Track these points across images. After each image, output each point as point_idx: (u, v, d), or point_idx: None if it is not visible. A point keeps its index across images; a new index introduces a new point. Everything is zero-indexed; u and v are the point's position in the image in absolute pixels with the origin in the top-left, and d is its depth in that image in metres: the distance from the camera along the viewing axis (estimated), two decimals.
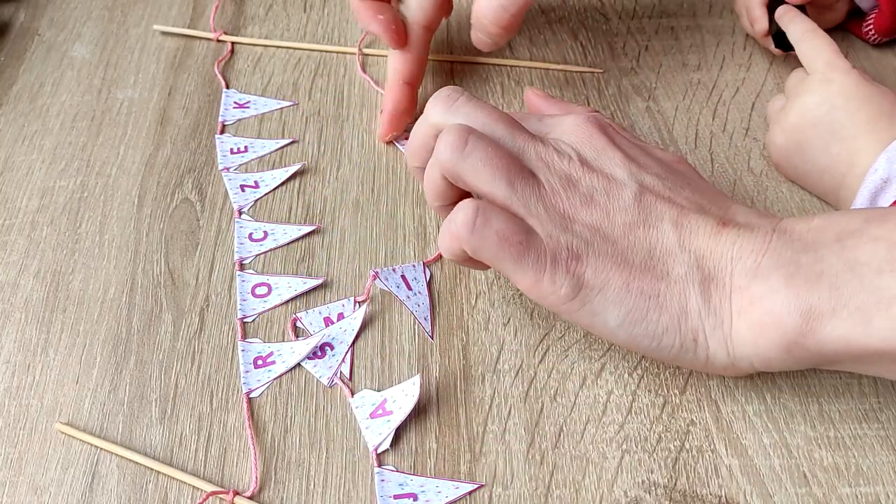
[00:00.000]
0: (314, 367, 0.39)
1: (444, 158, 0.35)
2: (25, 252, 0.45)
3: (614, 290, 0.33)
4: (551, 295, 0.33)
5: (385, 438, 0.36)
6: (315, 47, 0.55)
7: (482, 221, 0.33)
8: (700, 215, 0.34)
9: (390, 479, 0.35)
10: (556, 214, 0.34)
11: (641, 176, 0.35)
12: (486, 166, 0.34)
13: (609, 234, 0.34)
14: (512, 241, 0.33)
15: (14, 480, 0.36)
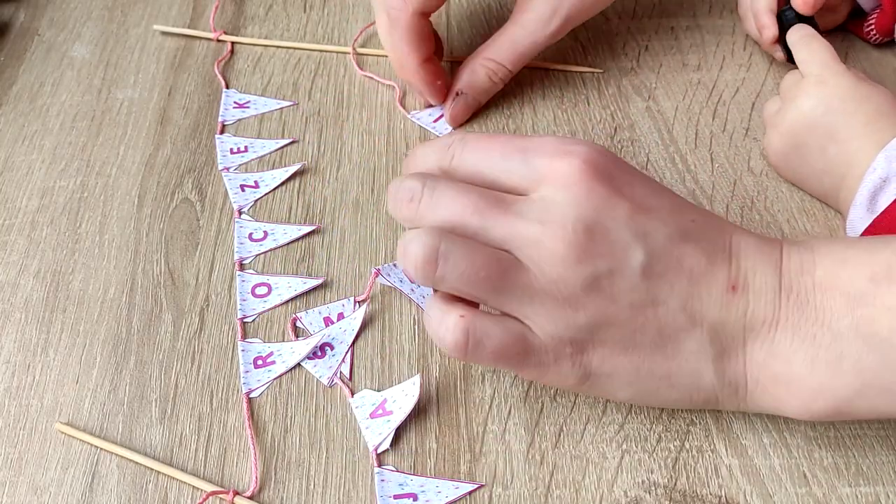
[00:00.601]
0: (314, 367, 0.39)
1: (418, 277, 0.32)
2: (25, 252, 0.45)
3: (624, 374, 0.32)
4: (559, 383, 0.33)
5: (385, 438, 0.36)
6: (315, 47, 0.55)
7: (473, 344, 0.31)
8: (708, 278, 0.32)
9: (390, 479, 0.35)
10: (556, 306, 0.31)
11: (648, 232, 0.31)
12: (464, 281, 0.31)
13: (615, 319, 0.31)
14: (509, 354, 0.31)
15: (14, 480, 0.36)
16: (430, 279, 0.31)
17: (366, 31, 0.56)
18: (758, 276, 0.32)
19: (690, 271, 0.31)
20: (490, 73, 0.48)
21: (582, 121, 0.49)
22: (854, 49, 0.52)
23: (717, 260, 0.32)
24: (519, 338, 0.31)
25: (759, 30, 0.50)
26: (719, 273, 0.32)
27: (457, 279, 0.31)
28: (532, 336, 0.32)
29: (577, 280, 0.31)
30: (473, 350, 0.31)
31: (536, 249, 0.31)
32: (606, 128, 0.49)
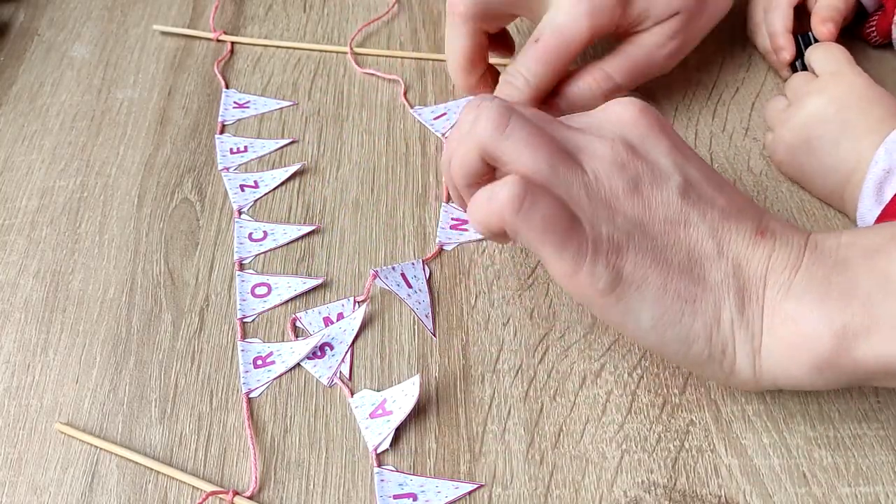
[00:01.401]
0: (314, 367, 0.39)
1: (484, 137, 0.33)
2: (25, 252, 0.45)
3: (652, 288, 0.32)
4: (589, 287, 0.32)
5: (385, 438, 0.36)
6: (315, 47, 0.55)
7: (530, 202, 0.31)
8: (738, 220, 0.33)
9: (390, 479, 0.35)
10: (599, 203, 0.33)
11: (686, 168, 0.34)
12: (527, 146, 0.33)
13: (650, 230, 0.33)
14: (557, 227, 0.32)
15: (14, 480, 0.36)
16: (498, 138, 0.33)
17: (363, 30, 0.56)
18: (785, 233, 0.34)
19: (721, 210, 0.33)
20: (593, 83, 0.47)
21: None
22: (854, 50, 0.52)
23: (747, 214, 0.34)
24: (570, 214, 0.32)
25: (776, 51, 0.49)
26: (748, 221, 0.33)
27: (521, 139, 0.33)
28: (577, 222, 0.32)
29: (619, 183, 0.33)
30: (529, 208, 0.32)
31: (588, 154, 0.33)
32: None
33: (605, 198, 0.33)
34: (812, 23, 0.48)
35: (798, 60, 0.48)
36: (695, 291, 0.32)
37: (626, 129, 0.34)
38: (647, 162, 0.34)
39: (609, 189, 0.33)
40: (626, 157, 0.33)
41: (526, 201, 0.31)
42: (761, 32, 0.51)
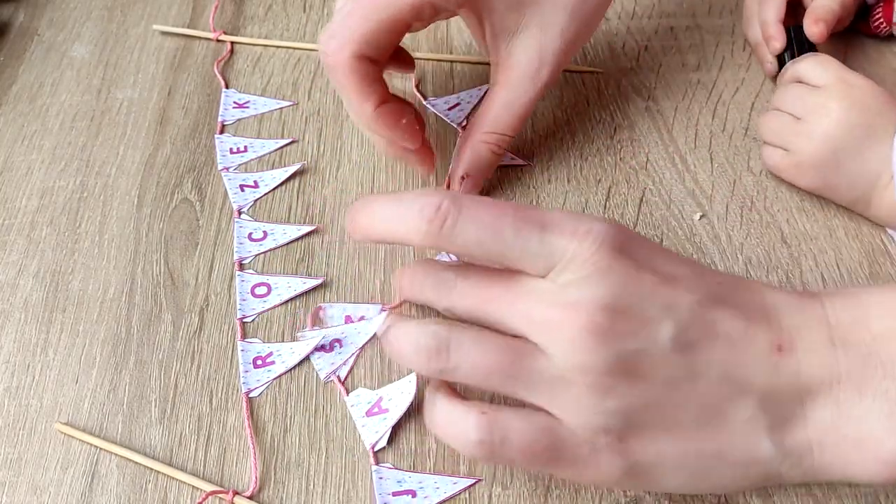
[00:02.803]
0: (318, 358, 0.39)
1: (426, 368, 0.30)
2: (25, 252, 0.45)
3: (671, 459, 0.29)
4: (600, 479, 0.29)
5: (382, 436, 0.36)
6: (315, 47, 0.55)
7: (499, 443, 0.28)
8: (750, 342, 0.29)
9: (388, 476, 0.35)
10: (581, 395, 0.28)
11: (677, 306, 0.29)
12: (478, 371, 0.29)
13: (650, 400, 0.28)
14: (540, 450, 0.29)
15: (14, 480, 0.36)
16: (440, 371, 0.30)
17: None
18: (804, 332, 0.30)
19: (727, 336, 0.29)
20: (493, 148, 0.43)
21: (581, 121, 0.49)
22: (853, 49, 0.52)
23: (755, 320, 0.30)
24: (548, 431, 0.29)
25: (767, 40, 0.49)
26: (760, 334, 0.29)
27: (469, 370, 0.29)
28: (562, 428, 0.29)
29: (600, 365, 0.28)
30: (500, 450, 0.29)
31: (551, 335, 0.28)
32: (606, 128, 0.49)
33: (589, 385, 0.28)
34: (805, 22, 0.48)
35: (787, 52, 0.48)
36: (718, 441, 0.29)
37: (597, 283, 0.28)
38: (629, 322, 0.28)
39: (590, 373, 0.28)
40: (601, 333, 0.28)
41: (494, 440, 0.29)
42: (754, 24, 0.51)
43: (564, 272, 0.29)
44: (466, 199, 0.30)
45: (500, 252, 0.29)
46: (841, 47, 0.52)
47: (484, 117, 0.43)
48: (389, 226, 0.31)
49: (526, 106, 0.43)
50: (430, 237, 0.29)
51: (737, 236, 0.43)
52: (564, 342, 0.28)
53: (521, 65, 0.42)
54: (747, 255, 0.42)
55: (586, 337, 0.28)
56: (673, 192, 0.45)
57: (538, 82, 0.42)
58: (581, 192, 0.46)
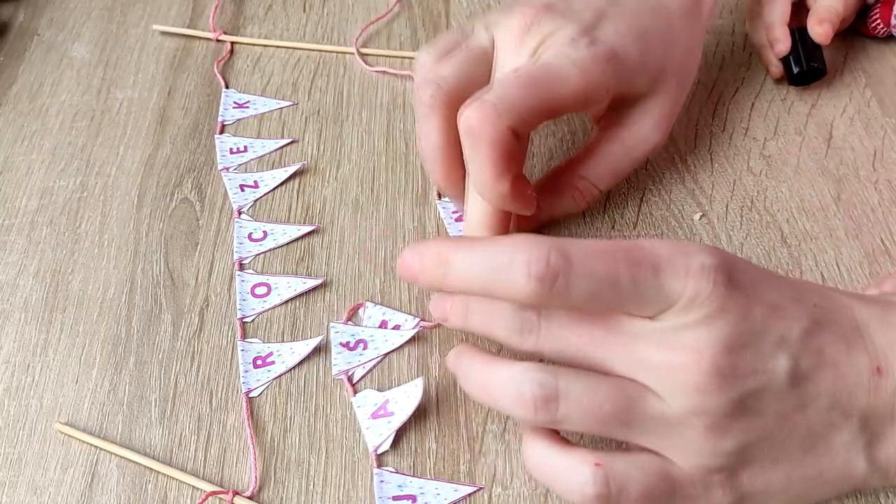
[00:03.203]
0: (338, 352, 0.39)
1: (534, 418, 0.29)
2: (25, 252, 0.45)
3: (776, 486, 0.29)
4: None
5: (386, 440, 0.36)
6: (315, 47, 0.55)
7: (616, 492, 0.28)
8: (853, 366, 0.29)
9: (389, 480, 0.35)
10: (699, 437, 0.28)
11: (788, 337, 0.28)
12: (589, 419, 0.28)
13: (765, 434, 0.28)
14: (657, 495, 0.28)
15: (14, 480, 0.36)
16: (550, 421, 0.29)
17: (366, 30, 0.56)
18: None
19: (833, 363, 0.29)
20: (577, 195, 0.41)
21: (582, 121, 0.49)
22: (853, 49, 0.52)
23: (854, 343, 0.29)
24: (663, 476, 0.28)
25: (772, 42, 0.49)
26: (860, 357, 0.29)
27: (581, 418, 0.28)
28: (676, 469, 0.28)
29: (721, 407, 0.27)
30: (616, 500, 0.28)
31: (669, 379, 0.28)
32: None
33: (706, 427, 0.28)
34: (809, 23, 0.48)
35: (791, 55, 0.48)
36: (820, 466, 0.29)
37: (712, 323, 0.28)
38: (747, 362, 0.28)
39: (708, 416, 0.28)
40: (722, 376, 0.27)
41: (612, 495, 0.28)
42: (758, 26, 0.51)
43: (678, 313, 0.28)
44: (572, 247, 0.28)
45: (614, 301, 0.28)
46: (841, 47, 0.52)
47: (582, 160, 0.41)
48: (481, 280, 0.29)
49: (629, 164, 0.42)
50: (538, 297, 0.28)
51: (737, 236, 0.43)
52: (686, 387, 0.27)
53: (641, 128, 0.41)
54: (747, 255, 0.42)
55: (709, 380, 0.27)
56: (673, 192, 0.45)
57: (648, 144, 0.42)
58: None
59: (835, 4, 0.48)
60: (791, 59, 0.48)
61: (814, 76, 0.49)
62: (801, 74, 0.48)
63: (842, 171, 0.46)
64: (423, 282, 0.31)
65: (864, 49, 0.52)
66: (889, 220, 0.43)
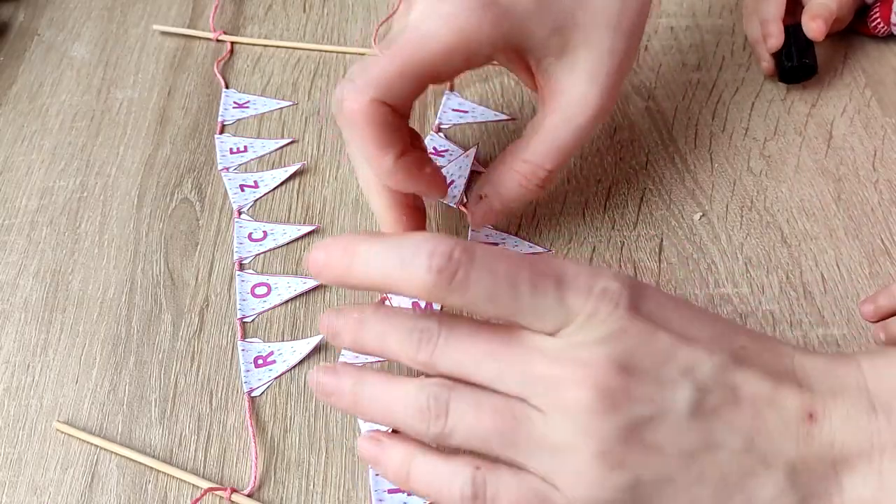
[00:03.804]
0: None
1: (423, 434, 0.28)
2: (25, 252, 0.45)
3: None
4: None
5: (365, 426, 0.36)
6: (315, 47, 0.55)
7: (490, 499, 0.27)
8: (777, 409, 0.26)
9: None
10: (586, 465, 0.26)
11: (696, 368, 0.27)
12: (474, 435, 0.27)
13: (663, 473, 0.26)
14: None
15: (14, 480, 0.36)
16: (439, 434, 0.28)
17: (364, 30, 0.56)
18: (840, 398, 0.27)
19: (752, 402, 0.26)
20: (521, 179, 0.38)
21: None
22: (853, 49, 0.52)
23: (784, 384, 0.27)
24: (541, 499, 0.26)
25: (765, 37, 0.49)
26: (789, 400, 0.27)
27: (466, 434, 0.27)
28: (558, 497, 0.26)
29: (612, 431, 0.25)
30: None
31: (557, 395, 0.26)
32: (606, 128, 0.49)
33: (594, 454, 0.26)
34: (802, 19, 0.48)
35: (783, 51, 0.48)
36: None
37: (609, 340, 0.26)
38: (643, 385, 0.26)
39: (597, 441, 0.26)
40: (614, 394, 0.26)
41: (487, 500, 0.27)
42: (753, 21, 0.51)
43: (576, 332, 0.27)
44: (478, 247, 0.27)
45: (512, 308, 0.27)
46: (841, 47, 0.52)
47: (521, 142, 0.38)
48: (383, 271, 0.28)
49: (573, 134, 0.37)
50: (436, 290, 0.27)
51: (737, 236, 0.43)
52: (570, 403, 0.26)
53: (569, 89, 0.37)
54: (747, 255, 0.42)
55: (595, 398, 0.25)
56: (673, 192, 0.45)
57: (588, 107, 0.36)
58: (581, 192, 0.46)
59: (828, 2, 0.48)
60: (783, 54, 0.49)
61: (805, 73, 0.49)
62: (792, 70, 0.48)
63: (842, 171, 0.46)
64: (328, 275, 0.29)
65: (864, 49, 0.52)
66: (889, 220, 0.43)
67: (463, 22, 0.34)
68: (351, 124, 0.34)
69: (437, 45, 0.34)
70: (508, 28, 0.35)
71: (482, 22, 0.34)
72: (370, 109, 0.34)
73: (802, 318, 0.40)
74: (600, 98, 0.37)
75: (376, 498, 0.34)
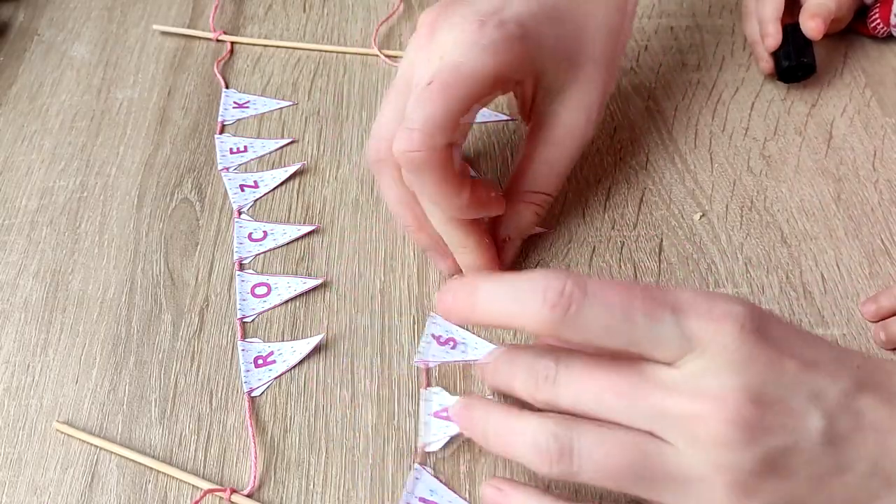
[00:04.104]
0: (427, 343, 0.38)
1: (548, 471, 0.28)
2: (25, 252, 0.45)
3: None
4: None
5: (438, 441, 0.36)
6: (315, 47, 0.55)
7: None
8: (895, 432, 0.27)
9: (425, 481, 0.35)
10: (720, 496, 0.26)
11: (823, 395, 0.27)
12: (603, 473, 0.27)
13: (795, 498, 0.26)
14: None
15: (14, 480, 0.36)
16: (565, 473, 0.28)
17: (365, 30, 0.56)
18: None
19: (874, 426, 0.27)
20: (536, 209, 0.41)
21: None
22: (853, 49, 0.52)
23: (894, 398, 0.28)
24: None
25: (763, 37, 0.50)
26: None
27: (594, 472, 0.27)
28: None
29: (747, 463, 0.26)
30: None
31: (689, 430, 0.26)
32: (606, 128, 0.49)
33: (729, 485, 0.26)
34: (801, 18, 0.48)
35: (782, 51, 0.49)
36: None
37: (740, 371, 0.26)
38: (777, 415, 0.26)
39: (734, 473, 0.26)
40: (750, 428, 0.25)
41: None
42: (752, 21, 0.51)
43: (699, 359, 0.26)
44: (591, 280, 0.27)
45: (629, 339, 0.27)
46: (841, 47, 0.52)
47: (526, 177, 0.40)
48: (503, 309, 0.28)
49: (569, 165, 0.41)
50: (552, 324, 0.27)
51: (737, 236, 0.43)
52: (706, 439, 0.26)
53: (567, 123, 0.40)
54: (747, 255, 0.42)
55: (731, 432, 0.25)
56: (673, 192, 0.45)
57: (581, 139, 0.40)
58: (581, 192, 0.46)
59: (826, 1, 0.48)
60: (781, 54, 0.49)
61: (803, 72, 0.49)
62: (791, 70, 0.48)
63: (842, 170, 0.46)
64: (456, 315, 0.31)
65: (864, 49, 0.52)
66: (889, 220, 0.43)
67: (503, 54, 0.35)
68: (424, 172, 0.34)
69: (484, 80, 0.35)
70: (535, 56, 0.37)
71: (519, 54, 0.36)
72: (444, 155, 0.34)
73: (802, 318, 0.40)
74: (590, 128, 0.40)
75: (405, 500, 0.34)
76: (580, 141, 0.40)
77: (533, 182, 0.40)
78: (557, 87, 0.39)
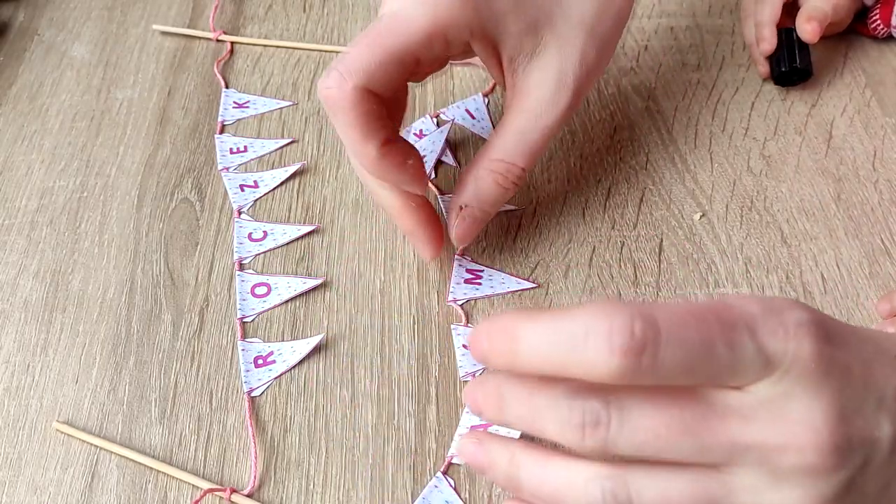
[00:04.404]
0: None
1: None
2: (25, 252, 0.45)
3: None
4: None
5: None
6: (315, 47, 0.55)
7: None
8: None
9: (444, 491, 0.35)
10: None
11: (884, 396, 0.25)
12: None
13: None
14: None
15: (14, 480, 0.36)
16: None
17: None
18: None
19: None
20: (498, 178, 0.38)
21: (582, 121, 0.49)
22: (853, 49, 0.52)
23: None
24: None
25: (758, 41, 0.50)
26: None
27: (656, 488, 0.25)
28: None
29: (833, 489, 0.24)
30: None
31: (776, 461, 0.24)
32: (606, 128, 0.49)
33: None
34: (797, 21, 0.48)
35: (777, 55, 0.49)
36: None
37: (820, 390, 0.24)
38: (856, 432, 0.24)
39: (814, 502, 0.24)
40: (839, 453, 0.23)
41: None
42: (749, 23, 0.51)
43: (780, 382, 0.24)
44: (659, 313, 0.23)
45: (709, 374, 0.24)
46: (841, 47, 0.52)
47: (491, 143, 0.38)
48: (556, 359, 0.24)
49: (542, 133, 0.38)
50: (626, 375, 0.23)
51: (737, 236, 0.43)
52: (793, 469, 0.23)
53: (538, 89, 0.37)
54: (747, 255, 0.42)
55: (827, 461, 0.23)
56: (673, 192, 0.45)
57: (556, 108, 0.37)
58: (581, 192, 0.46)
59: (822, 5, 0.48)
60: (777, 58, 0.49)
61: (799, 77, 0.49)
62: (786, 74, 0.48)
63: (842, 170, 0.46)
64: (494, 363, 0.26)
65: (864, 49, 0.52)
66: (889, 220, 0.43)
67: (442, 8, 0.35)
68: (335, 112, 0.35)
69: (417, 29, 0.35)
70: (486, 18, 0.36)
71: (461, 8, 0.35)
72: (353, 96, 0.34)
73: None
74: (568, 99, 0.38)
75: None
76: (553, 109, 0.37)
77: (499, 149, 0.38)
78: (525, 52, 0.37)
